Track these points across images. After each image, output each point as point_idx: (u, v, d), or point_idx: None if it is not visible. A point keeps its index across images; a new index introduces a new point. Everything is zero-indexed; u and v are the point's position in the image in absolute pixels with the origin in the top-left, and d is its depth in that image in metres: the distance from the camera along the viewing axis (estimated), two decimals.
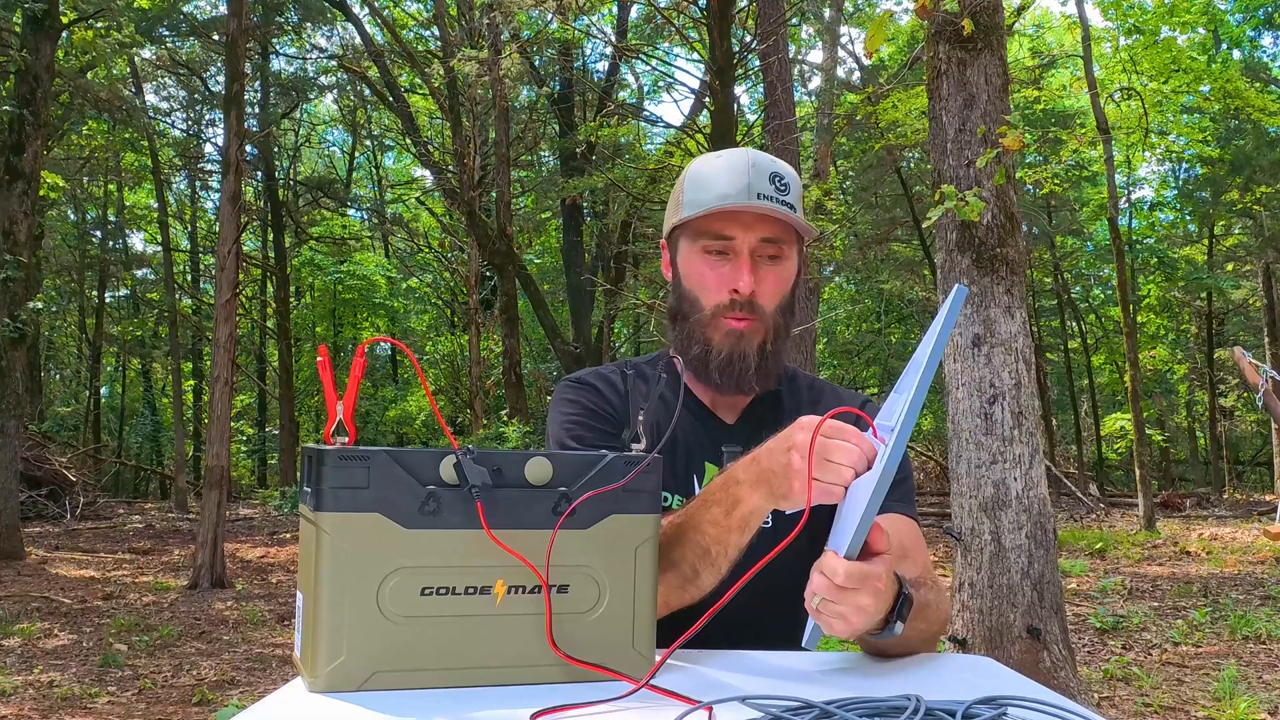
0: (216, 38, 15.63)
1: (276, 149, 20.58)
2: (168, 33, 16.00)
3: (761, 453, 1.12)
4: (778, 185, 1.35)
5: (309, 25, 16.59)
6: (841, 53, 16.13)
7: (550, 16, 12.45)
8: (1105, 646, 5.94)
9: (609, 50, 16.37)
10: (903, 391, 1.03)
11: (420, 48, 18.02)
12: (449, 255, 22.01)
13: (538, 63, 15.51)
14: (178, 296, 20.25)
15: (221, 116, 12.82)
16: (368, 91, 18.50)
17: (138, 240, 24.32)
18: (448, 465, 0.99)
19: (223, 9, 14.55)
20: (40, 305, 12.03)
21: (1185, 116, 17.17)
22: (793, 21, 13.29)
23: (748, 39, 11.30)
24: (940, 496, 14.28)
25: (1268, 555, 9.35)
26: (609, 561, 1.04)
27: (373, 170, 25.33)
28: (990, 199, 4.23)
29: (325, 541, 0.96)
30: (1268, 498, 17.05)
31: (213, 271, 15.71)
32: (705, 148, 10.70)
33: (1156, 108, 14.90)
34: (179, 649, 5.99)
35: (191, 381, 24.01)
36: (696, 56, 14.03)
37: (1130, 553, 9.94)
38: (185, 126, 20.54)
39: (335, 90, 19.74)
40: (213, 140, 19.59)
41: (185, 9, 16.54)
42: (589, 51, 18.18)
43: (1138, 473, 12.08)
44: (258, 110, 18.17)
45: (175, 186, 22.24)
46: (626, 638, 1.05)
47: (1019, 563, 4.11)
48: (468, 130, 15.16)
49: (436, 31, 16.84)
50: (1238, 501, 16.77)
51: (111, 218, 21.96)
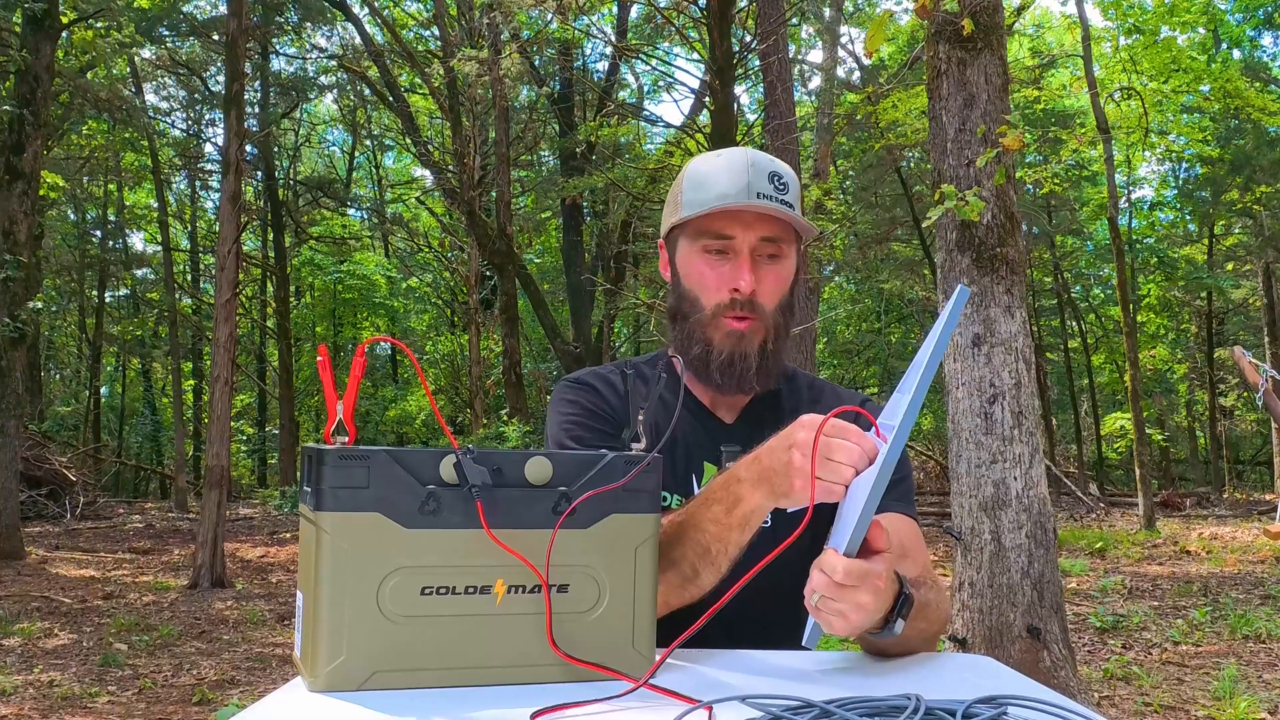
0: (216, 38, 15.63)
1: (276, 149, 20.58)
2: (168, 33, 16.00)
3: (763, 451, 1.12)
4: (777, 184, 1.35)
5: (309, 25, 16.58)
6: (841, 53, 16.15)
7: (550, 16, 12.45)
8: (1105, 646, 5.94)
9: (609, 50, 16.37)
10: (905, 391, 1.04)
11: (420, 48, 18.01)
12: (449, 255, 22.01)
13: (538, 63, 15.51)
14: (178, 296, 20.25)
15: (221, 116, 12.82)
16: (368, 91, 18.50)
17: (138, 240, 24.36)
18: (448, 465, 0.99)
19: (223, 9, 14.55)
20: (40, 305, 12.03)
21: (1185, 116, 17.17)
22: (793, 21, 13.29)
23: (748, 39, 11.30)
24: (940, 496, 14.28)
25: (1268, 555, 9.35)
26: (609, 561, 1.04)
27: (373, 170, 25.33)
28: (990, 199, 4.23)
29: (325, 541, 0.96)
30: (1268, 497, 17.05)
31: (213, 271, 15.71)
32: (705, 147, 10.69)
33: (1156, 107, 14.90)
34: (179, 649, 5.99)
35: (191, 381, 24.01)
36: (696, 56, 14.03)
37: (1130, 552, 9.94)
38: (185, 126, 20.56)
39: (335, 90, 19.74)
40: (213, 140, 19.62)
41: (185, 9, 16.54)
42: (589, 51, 18.20)
43: (1138, 472, 12.08)
44: (258, 110, 18.17)
45: (175, 186, 22.24)
46: (626, 637, 1.05)
47: (1019, 562, 4.12)
48: (468, 130, 15.16)
49: (436, 31, 16.84)
50: (1238, 501, 16.77)
51: (111, 217, 21.96)
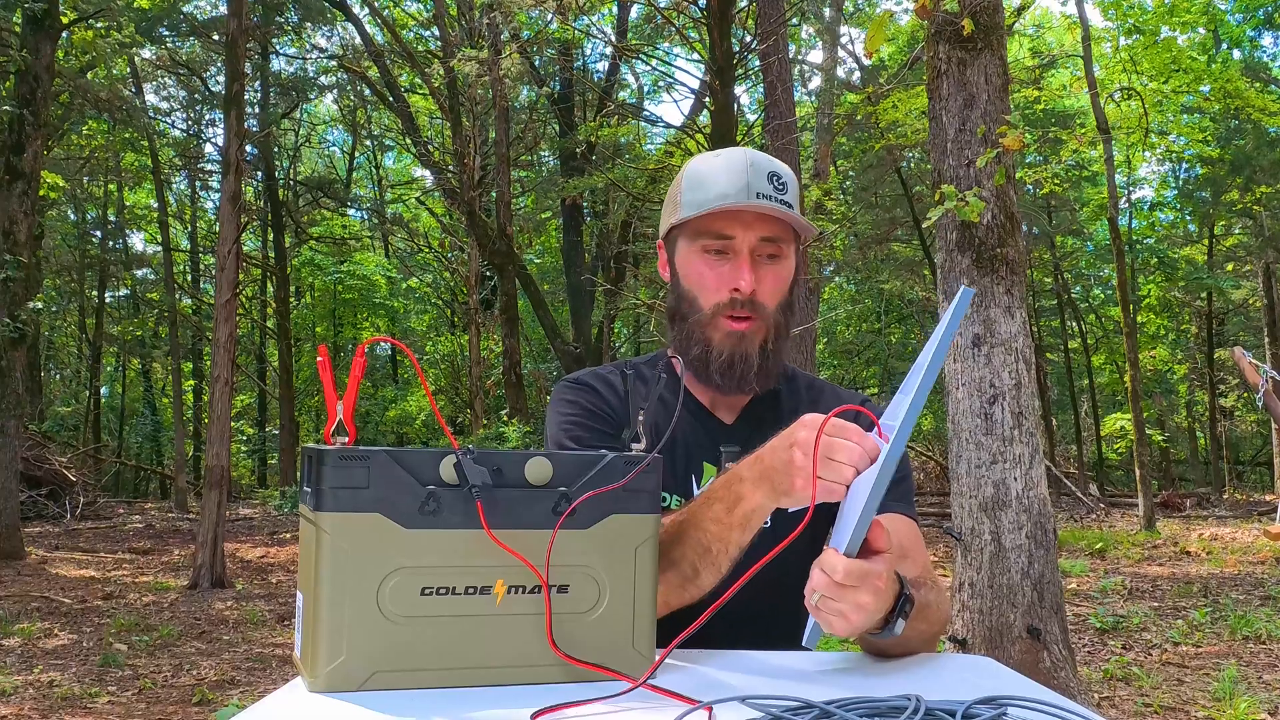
0: (216, 38, 15.63)
1: (276, 149, 20.57)
2: (168, 33, 16.00)
3: (764, 451, 1.12)
4: (776, 184, 1.35)
5: (309, 25, 16.59)
6: (841, 53, 16.15)
7: (550, 16, 12.45)
8: (1105, 646, 5.94)
9: (609, 50, 16.37)
10: (907, 392, 1.04)
11: (420, 48, 18.02)
12: (449, 255, 22.01)
13: (538, 63, 15.51)
14: (178, 296, 20.25)
15: (221, 116, 12.82)
16: (368, 91, 18.50)
17: (138, 240, 24.36)
18: (448, 465, 0.99)
19: (223, 9, 14.56)
20: (40, 305, 12.03)
21: (1185, 116, 17.17)
22: (793, 21, 13.29)
23: (748, 39, 11.29)
24: (940, 496, 14.28)
25: (1268, 555, 9.34)
26: (609, 561, 1.04)
27: (373, 170, 25.32)
28: (990, 199, 4.23)
29: (325, 541, 0.96)
30: (1268, 498, 17.05)
31: (213, 271, 15.72)
32: (705, 148, 10.69)
33: (1156, 108, 14.90)
34: (179, 649, 5.99)
35: (191, 381, 24.01)
36: (696, 56, 14.03)
37: (1130, 553, 9.93)
38: (185, 126, 20.56)
39: (335, 90, 19.73)
40: (213, 140, 19.62)
41: (185, 9, 16.54)
42: (589, 51, 18.19)
43: (1138, 473, 12.08)
44: (258, 110, 18.16)
45: (175, 186, 22.24)
46: (626, 637, 1.05)
47: (1019, 563, 4.11)
48: (468, 130, 15.16)
49: (436, 31, 16.84)
50: (1238, 501, 16.77)
51: (111, 218, 21.96)
